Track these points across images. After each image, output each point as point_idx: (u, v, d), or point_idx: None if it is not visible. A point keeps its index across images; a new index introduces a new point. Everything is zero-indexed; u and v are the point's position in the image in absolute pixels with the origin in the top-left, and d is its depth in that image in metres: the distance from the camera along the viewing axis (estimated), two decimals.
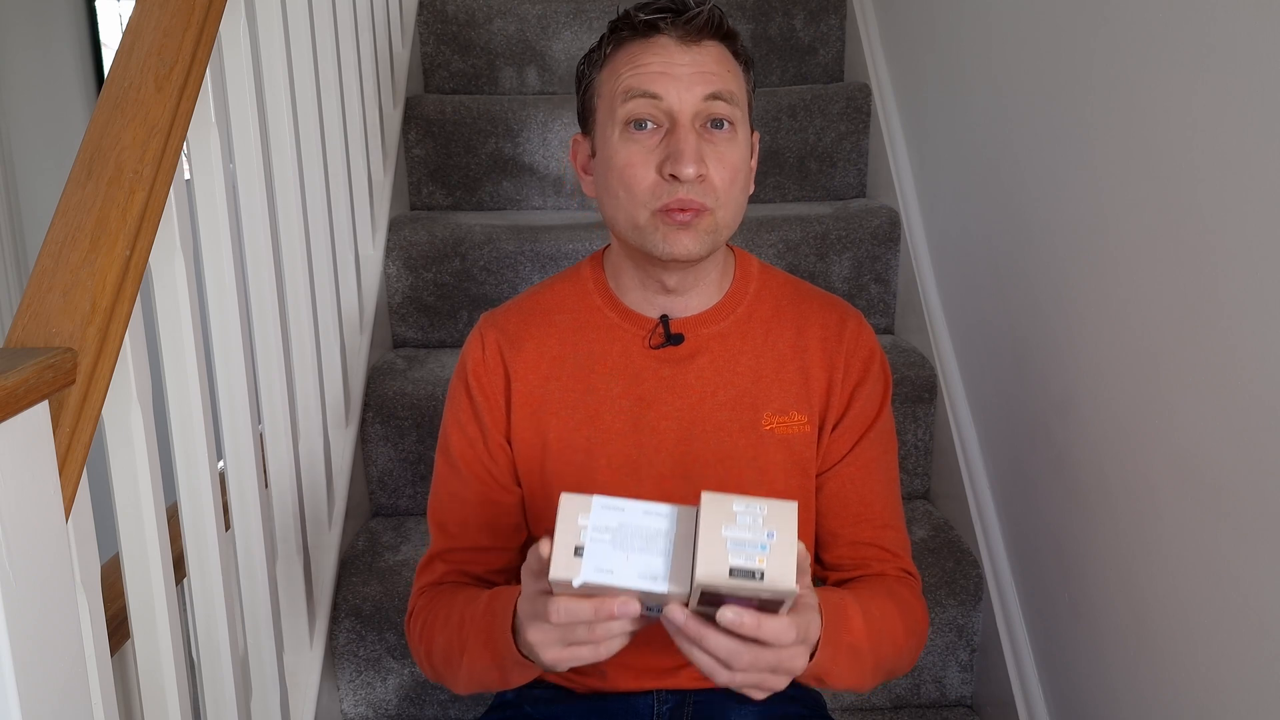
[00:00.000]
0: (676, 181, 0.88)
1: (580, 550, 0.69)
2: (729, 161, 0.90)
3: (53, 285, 0.83)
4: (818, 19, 2.20)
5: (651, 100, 0.89)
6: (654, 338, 0.98)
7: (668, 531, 0.70)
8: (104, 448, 0.91)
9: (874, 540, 1.00)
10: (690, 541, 0.70)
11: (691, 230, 0.90)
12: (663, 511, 0.70)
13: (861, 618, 0.86)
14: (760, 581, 0.67)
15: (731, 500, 0.69)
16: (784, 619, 0.71)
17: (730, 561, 0.67)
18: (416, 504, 1.67)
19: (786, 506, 0.69)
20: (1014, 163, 1.35)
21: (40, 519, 0.74)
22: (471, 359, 1.01)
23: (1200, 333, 0.93)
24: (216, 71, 1.10)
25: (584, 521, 0.70)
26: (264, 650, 1.22)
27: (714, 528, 0.68)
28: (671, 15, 0.89)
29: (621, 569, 0.69)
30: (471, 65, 2.21)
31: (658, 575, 0.69)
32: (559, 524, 0.70)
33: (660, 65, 0.89)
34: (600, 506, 0.70)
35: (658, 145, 0.89)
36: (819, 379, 0.99)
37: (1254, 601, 0.87)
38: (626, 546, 0.69)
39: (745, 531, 0.68)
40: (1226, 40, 0.89)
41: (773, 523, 0.69)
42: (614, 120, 0.91)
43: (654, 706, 1.01)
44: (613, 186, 0.92)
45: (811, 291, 1.04)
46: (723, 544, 0.68)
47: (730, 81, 0.90)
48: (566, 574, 0.69)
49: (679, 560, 0.69)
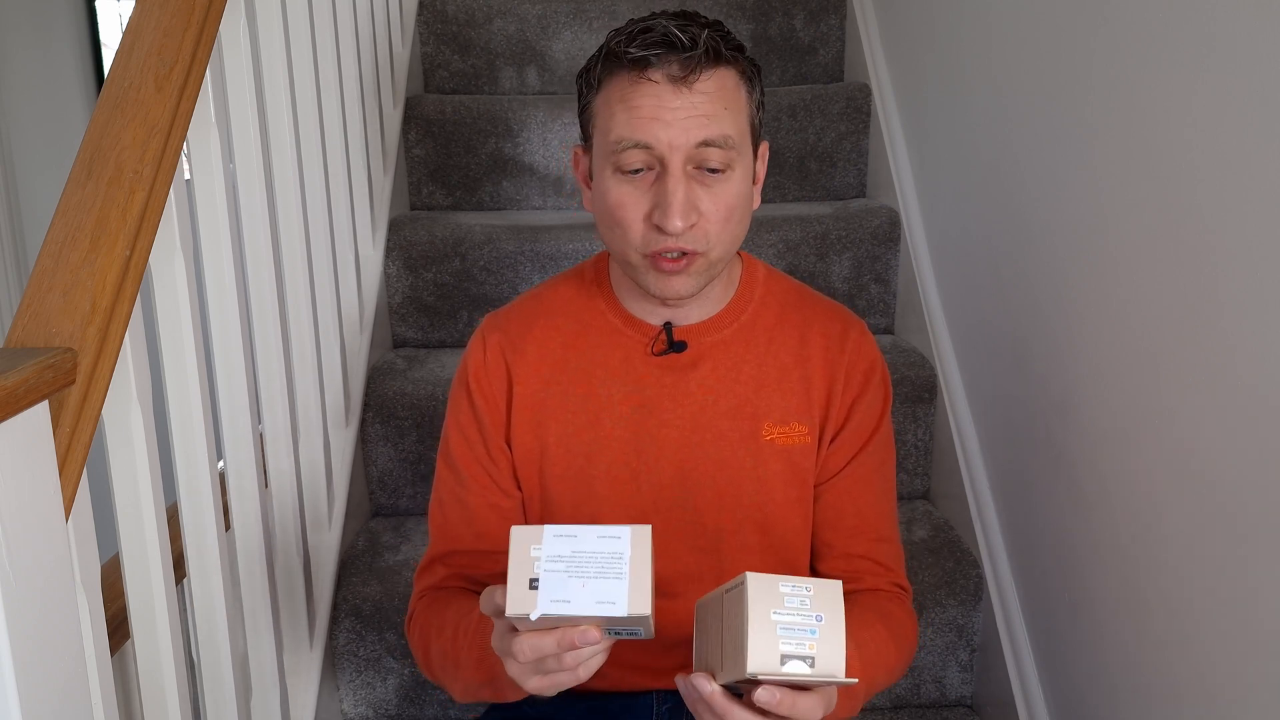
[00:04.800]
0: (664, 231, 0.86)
1: (535, 583, 0.68)
2: (723, 201, 0.87)
3: (53, 285, 0.82)
4: (818, 19, 2.20)
5: (643, 150, 0.86)
6: (656, 344, 0.98)
7: (623, 554, 0.68)
8: (104, 448, 0.91)
9: (868, 554, 1.00)
10: (648, 562, 0.69)
11: (682, 275, 0.89)
12: (618, 534, 0.69)
13: (857, 659, 0.86)
14: (811, 669, 0.66)
15: (778, 581, 0.68)
16: (814, 695, 0.70)
17: (781, 649, 0.66)
18: (416, 504, 1.67)
19: (832, 586, 0.68)
20: (1014, 163, 1.35)
21: (40, 519, 0.74)
22: (473, 362, 1.00)
23: (1200, 333, 0.93)
24: (216, 71, 1.10)
25: (536, 553, 0.69)
26: (264, 650, 1.22)
27: (763, 613, 0.67)
28: (666, 50, 0.84)
29: (578, 597, 0.68)
30: (471, 65, 2.21)
31: (616, 600, 0.68)
32: (511, 558, 0.69)
33: (651, 110, 0.85)
34: (552, 535, 0.69)
35: (649, 189, 0.87)
36: (820, 389, 0.98)
37: (1254, 601, 0.87)
38: (582, 574, 0.68)
39: (793, 615, 0.67)
40: (1226, 40, 0.89)
41: (820, 604, 0.68)
42: (606, 160, 0.88)
43: (654, 707, 1.01)
44: (607, 221, 0.91)
45: (816, 299, 1.03)
46: (772, 629, 0.67)
47: (727, 122, 0.86)
48: (522, 609, 0.68)
49: (637, 581, 0.68)
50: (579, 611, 0.68)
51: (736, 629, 0.68)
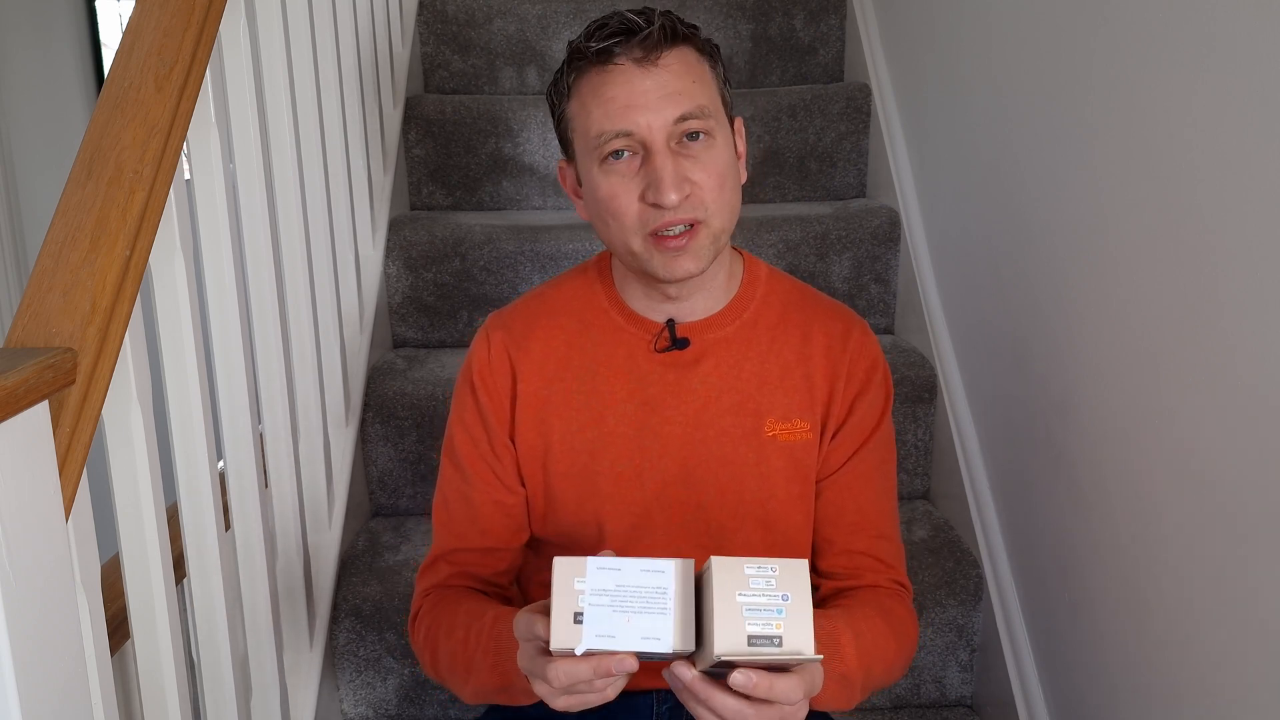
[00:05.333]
0: (660, 207, 0.87)
1: (579, 616, 0.67)
2: (713, 168, 0.89)
3: (53, 285, 0.82)
4: (818, 19, 2.20)
5: (624, 138, 0.88)
6: (660, 341, 0.98)
7: (667, 589, 0.68)
8: (104, 448, 0.91)
9: (868, 550, 1.00)
10: (691, 596, 0.68)
11: (687, 252, 0.89)
12: (662, 568, 0.69)
13: (853, 645, 0.86)
14: (779, 648, 0.67)
15: (742, 564, 0.68)
16: (793, 677, 0.70)
17: (748, 629, 0.67)
18: (416, 504, 1.67)
19: (797, 565, 0.68)
20: (1014, 163, 1.35)
21: (40, 519, 0.74)
22: (477, 359, 1.01)
23: (1200, 333, 0.93)
24: (216, 71, 1.10)
25: (580, 586, 0.68)
26: (264, 650, 1.22)
27: (728, 595, 0.67)
28: (624, 37, 0.88)
29: (623, 633, 0.67)
30: (471, 65, 2.21)
31: (661, 636, 0.67)
32: (555, 591, 0.68)
33: (625, 96, 0.87)
34: (595, 569, 0.68)
35: (637, 172, 0.89)
36: (822, 386, 0.98)
37: (1254, 601, 0.87)
38: (626, 608, 0.68)
39: (759, 596, 0.67)
40: (1226, 40, 0.89)
41: (786, 584, 0.68)
42: (591, 157, 0.90)
43: (654, 706, 1.01)
44: (602, 216, 0.91)
45: (818, 298, 1.04)
46: (738, 611, 0.67)
47: (698, 94, 0.89)
48: (568, 644, 0.67)
49: (681, 616, 0.68)
50: (624, 647, 0.68)
51: (706, 613, 0.68)
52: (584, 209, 0.96)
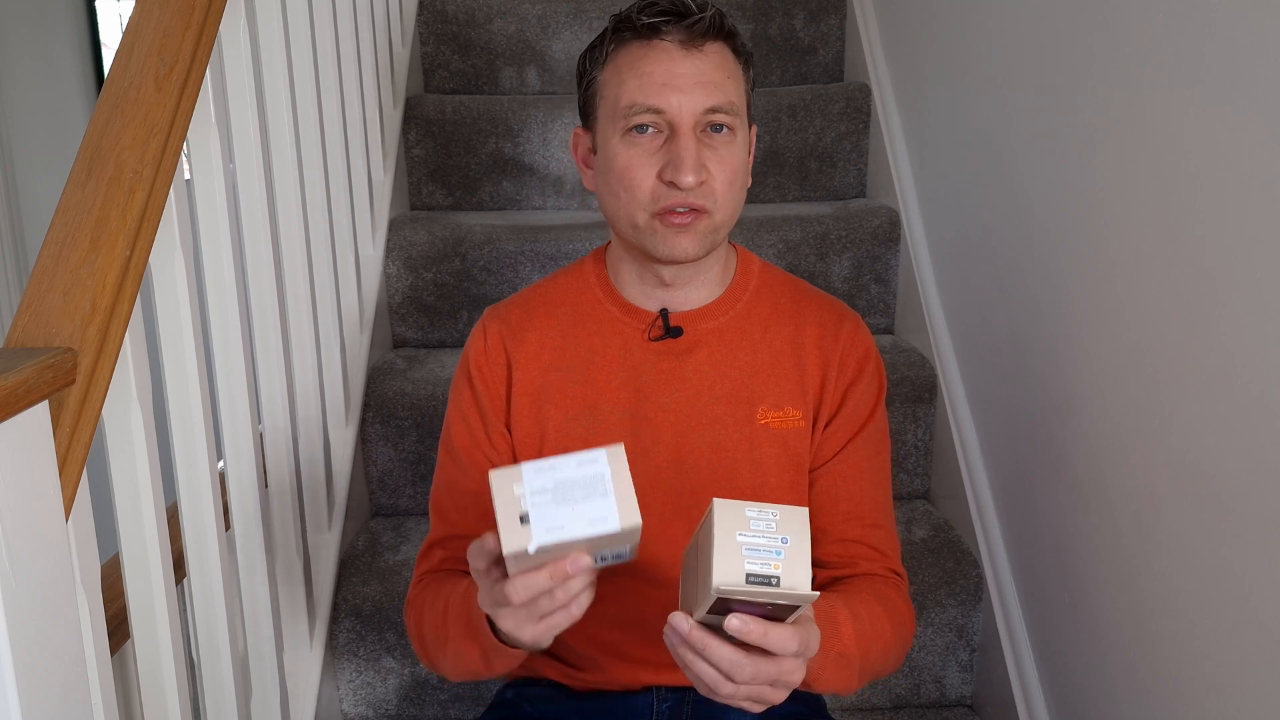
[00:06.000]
0: (676, 187, 0.89)
1: (525, 517, 0.68)
2: (729, 163, 0.91)
3: (53, 285, 0.83)
4: (818, 19, 2.20)
5: (654, 114, 0.90)
6: (653, 330, 1.00)
7: (604, 473, 0.69)
8: (104, 448, 0.91)
9: (862, 539, 1.00)
10: (628, 476, 0.69)
11: (689, 232, 0.91)
12: (595, 457, 0.70)
13: (851, 625, 0.87)
14: (776, 587, 0.67)
15: (744, 506, 0.69)
16: (789, 627, 0.71)
17: (746, 568, 0.67)
18: (416, 504, 1.67)
19: (798, 512, 0.70)
20: (1014, 163, 1.35)
21: (40, 519, 0.74)
22: (474, 350, 1.03)
23: (1200, 333, 0.93)
24: (216, 71, 1.10)
25: (520, 490, 0.69)
26: (264, 650, 1.22)
27: (728, 534, 0.68)
28: (674, 19, 0.90)
29: (571, 521, 0.68)
30: (471, 65, 2.21)
31: (608, 515, 0.68)
32: (496, 501, 0.69)
33: (663, 75, 0.89)
34: (532, 471, 0.69)
35: (659, 150, 0.91)
36: (814, 376, 1.00)
37: (1254, 601, 0.87)
38: (569, 499, 0.69)
39: (759, 537, 0.68)
40: (1226, 40, 0.89)
41: (786, 528, 0.69)
42: (615, 125, 0.92)
43: (654, 705, 1.01)
44: (613, 186, 0.93)
45: (811, 291, 1.05)
46: (738, 550, 0.68)
47: (731, 90, 0.91)
48: (520, 544, 0.68)
49: (623, 496, 0.69)
50: (574, 535, 0.68)
51: (706, 552, 0.69)
52: (591, 179, 0.98)
